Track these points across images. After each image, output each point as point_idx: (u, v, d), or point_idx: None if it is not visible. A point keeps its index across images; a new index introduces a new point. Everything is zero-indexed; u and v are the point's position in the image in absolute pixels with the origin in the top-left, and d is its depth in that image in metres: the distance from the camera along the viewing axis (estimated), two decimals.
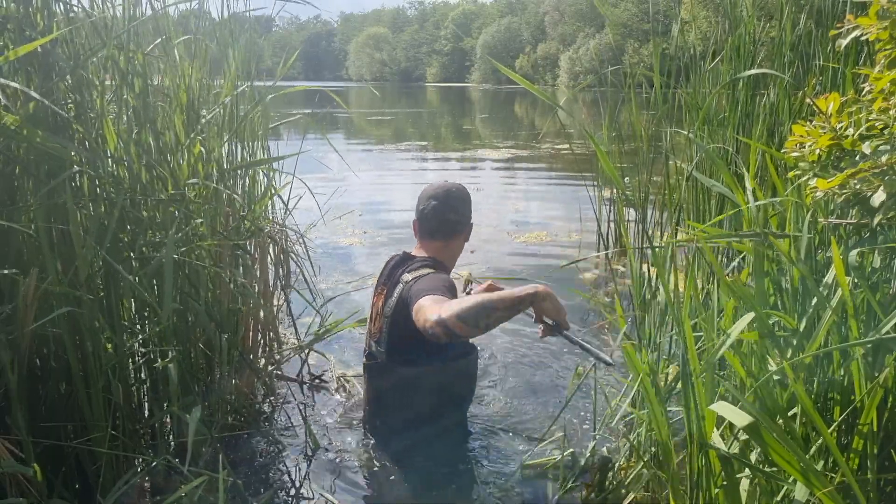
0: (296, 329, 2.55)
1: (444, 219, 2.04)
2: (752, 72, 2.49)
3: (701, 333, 1.54)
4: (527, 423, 2.24)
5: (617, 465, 1.79)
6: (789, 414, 1.29)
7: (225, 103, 2.13)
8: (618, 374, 2.46)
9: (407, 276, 1.91)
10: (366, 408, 2.15)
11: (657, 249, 1.65)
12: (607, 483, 1.76)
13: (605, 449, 1.89)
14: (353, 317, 2.60)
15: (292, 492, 1.88)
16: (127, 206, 1.71)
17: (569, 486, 1.81)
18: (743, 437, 1.26)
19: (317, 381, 2.54)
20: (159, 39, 1.93)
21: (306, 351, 2.55)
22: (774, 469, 1.20)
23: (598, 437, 1.89)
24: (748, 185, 1.63)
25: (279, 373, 2.54)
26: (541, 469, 1.92)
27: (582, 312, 3.34)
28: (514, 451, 2.07)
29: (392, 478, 1.92)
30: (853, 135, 1.29)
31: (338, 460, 2.01)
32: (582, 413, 2.27)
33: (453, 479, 1.92)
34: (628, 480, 1.70)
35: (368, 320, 2.09)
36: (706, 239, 1.70)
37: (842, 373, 1.28)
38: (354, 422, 2.23)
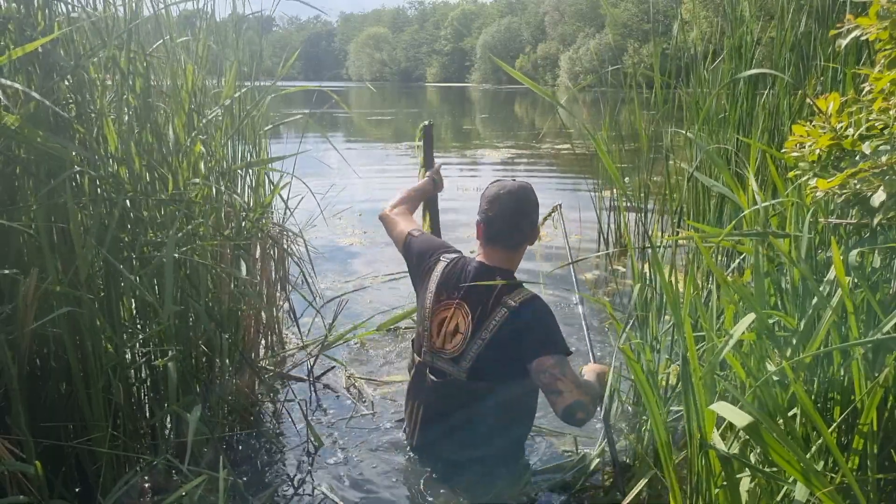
0: (299, 328, 2.56)
1: (516, 227, 1.89)
2: (753, 71, 2.49)
3: (702, 333, 1.54)
4: (538, 420, 2.23)
5: (620, 464, 1.79)
6: (789, 414, 1.29)
7: (226, 104, 2.13)
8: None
9: (511, 302, 1.79)
10: (419, 423, 1.97)
11: (656, 249, 1.65)
12: (610, 484, 1.76)
13: (607, 449, 1.88)
14: (372, 320, 2.59)
15: (293, 491, 1.88)
16: (127, 206, 1.71)
17: (578, 487, 1.81)
18: (743, 437, 1.27)
19: (322, 377, 2.55)
20: (161, 40, 1.93)
21: (314, 351, 2.56)
22: (774, 469, 1.20)
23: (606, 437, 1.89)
24: (751, 185, 1.63)
25: (285, 372, 2.54)
26: (552, 472, 1.92)
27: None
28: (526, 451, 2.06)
29: (395, 477, 1.92)
30: (853, 135, 1.29)
31: (339, 460, 2.01)
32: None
33: (460, 479, 1.91)
34: (629, 480, 1.69)
35: (431, 334, 1.91)
36: (704, 238, 1.70)
37: (842, 373, 1.28)
38: (356, 421, 2.24)
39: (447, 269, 1.95)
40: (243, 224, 2.23)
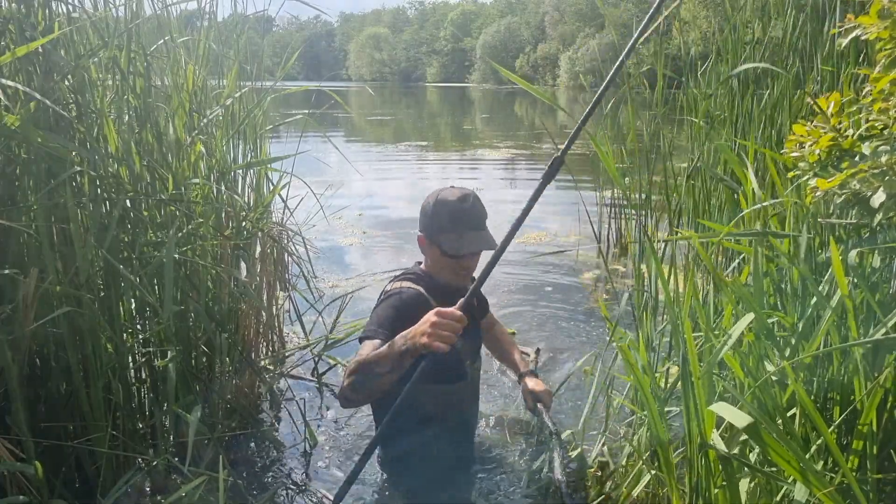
0: (303, 326, 2.55)
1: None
2: (752, 65, 2.48)
3: (701, 334, 1.54)
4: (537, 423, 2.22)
5: (619, 465, 1.79)
6: (789, 414, 1.29)
7: (227, 103, 2.13)
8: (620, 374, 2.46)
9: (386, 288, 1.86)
10: None
11: (654, 248, 1.65)
12: (609, 483, 1.76)
13: (607, 449, 1.89)
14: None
15: (293, 491, 1.88)
16: (127, 206, 1.71)
17: (574, 489, 1.81)
18: (742, 437, 1.26)
19: (324, 376, 2.55)
20: (162, 40, 1.93)
21: (315, 350, 2.56)
22: (774, 469, 1.20)
23: (604, 437, 1.89)
24: (751, 185, 1.63)
25: (286, 371, 2.54)
26: (548, 474, 1.92)
27: (581, 312, 3.34)
28: (522, 454, 2.06)
29: (393, 478, 1.92)
30: (853, 135, 1.29)
31: (339, 459, 2.01)
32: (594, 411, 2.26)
33: (456, 481, 1.91)
34: (629, 480, 1.70)
35: None
36: (703, 238, 1.70)
37: (842, 373, 1.28)
38: (358, 419, 2.24)
39: None
40: (243, 224, 2.23)
